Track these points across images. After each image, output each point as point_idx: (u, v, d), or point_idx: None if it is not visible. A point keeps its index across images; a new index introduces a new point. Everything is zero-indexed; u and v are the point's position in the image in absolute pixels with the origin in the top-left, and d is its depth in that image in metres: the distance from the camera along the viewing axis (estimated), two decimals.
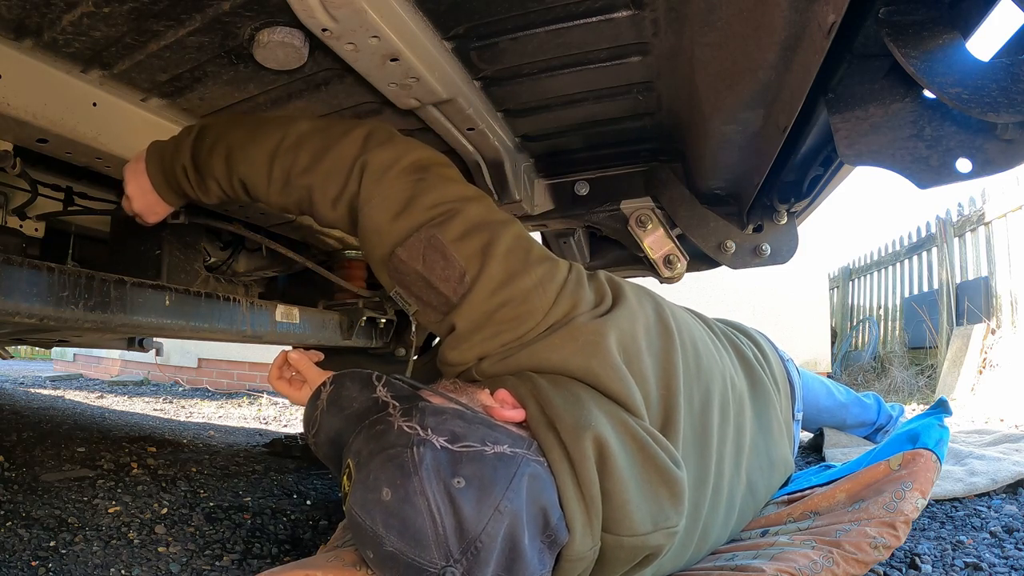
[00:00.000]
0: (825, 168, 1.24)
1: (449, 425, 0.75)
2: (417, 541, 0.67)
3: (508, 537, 0.69)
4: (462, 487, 0.69)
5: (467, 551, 0.67)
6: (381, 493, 0.70)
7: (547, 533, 0.73)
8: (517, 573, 0.70)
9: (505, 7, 0.90)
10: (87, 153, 1.07)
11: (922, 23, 0.72)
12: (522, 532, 0.70)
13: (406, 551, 0.68)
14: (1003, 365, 3.82)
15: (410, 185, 0.93)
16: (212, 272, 1.76)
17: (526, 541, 0.70)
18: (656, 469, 0.81)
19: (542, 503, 0.73)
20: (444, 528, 0.67)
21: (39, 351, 8.28)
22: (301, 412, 3.87)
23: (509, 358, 0.87)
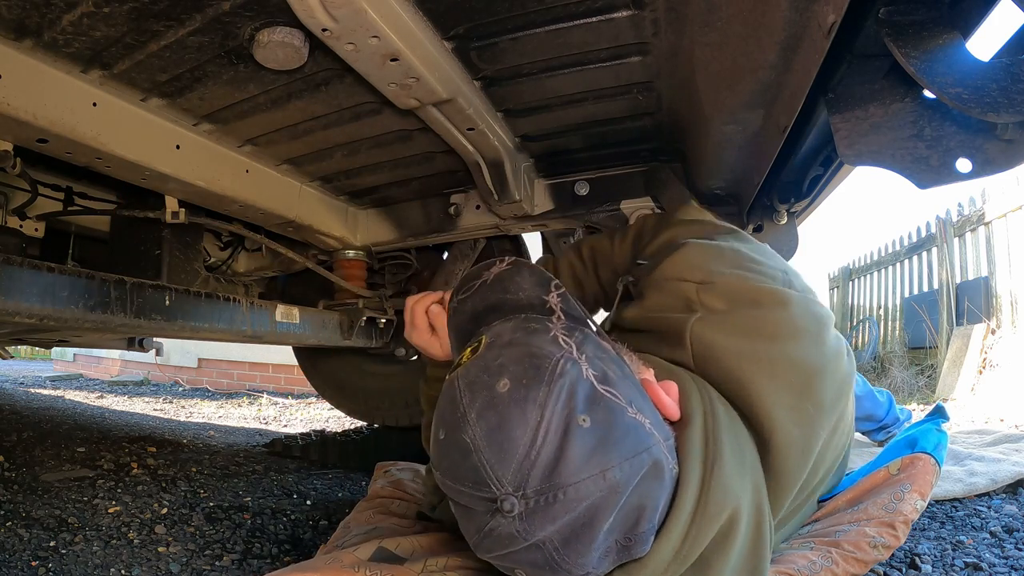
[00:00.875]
0: (825, 168, 1.24)
1: (604, 365, 0.66)
2: (502, 450, 0.59)
3: (591, 509, 0.60)
4: (585, 427, 0.60)
5: (543, 494, 0.59)
6: (499, 381, 0.62)
7: (629, 535, 0.64)
8: (570, 553, 0.61)
9: (505, 7, 0.90)
10: (87, 153, 1.07)
11: (922, 23, 0.72)
12: (607, 514, 0.60)
13: (483, 454, 0.60)
14: (1003, 365, 3.81)
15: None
16: (212, 272, 1.76)
17: (604, 526, 0.61)
18: (754, 570, 0.74)
19: (646, 502, 0.63)
20: (538, 455, 0.58)
21: (39, 351, 8.28)
22: (301, 412, 3.85)
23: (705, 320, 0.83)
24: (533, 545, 0.61)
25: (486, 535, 0.62)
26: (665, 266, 0.96)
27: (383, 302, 1.87)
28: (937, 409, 1.52)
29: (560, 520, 0.59)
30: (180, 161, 1.21)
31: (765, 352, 0.81)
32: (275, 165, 1.45)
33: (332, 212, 1.69)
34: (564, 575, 0.62)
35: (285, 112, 1.18)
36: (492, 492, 0.60)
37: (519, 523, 0.60)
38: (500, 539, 0.61)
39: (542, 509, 0.59)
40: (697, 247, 0.97)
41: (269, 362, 5.09)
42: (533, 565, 0.63)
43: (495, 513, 0.60)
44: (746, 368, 0.80)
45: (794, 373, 0.81)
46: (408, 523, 1.20)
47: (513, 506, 0.59)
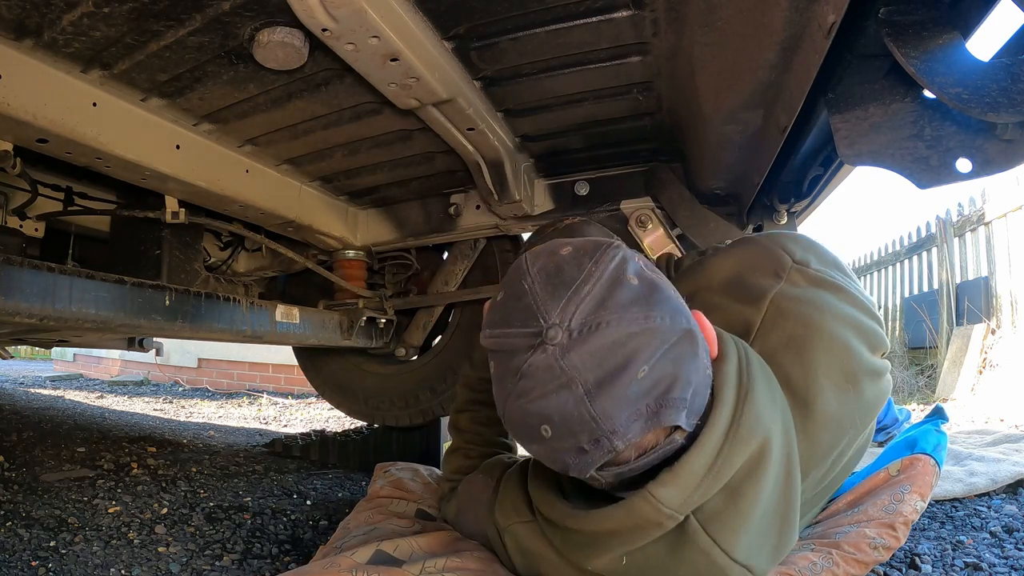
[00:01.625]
0: (825, 168, 1.24)
1: (655, 273, 0.71)
2: (555, 289, 0.65)
3: (629, 349, 0.62)
4: (633, 283, 0.65)
5: (586, 325, 0.62)
6: (562, 248, 0.69)
7: (660, 400, 0.63)
8: (601, 398, 0.61)
9: (505, 7, 0.90)
10: (87, 153, 1.07)
11: (922, 23, 0.72)
12: (642, 359, 0.61)
13: (537, 295, 0.66)
14: (1003, 365, 3.81)
15: None
16: (212, 272, 1.76)
17: (638, 373, 0.61)
18: (784, 516, 0.75)
19: (679, 371, 0.64)
20: (587, 295, 0.64)
21: (39, 351, 8.28)
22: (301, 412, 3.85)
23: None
24: (566, 384, 0.62)
25: (523, 375, 0.64)
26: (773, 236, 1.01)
27: (383, 302, 1.87)
28: (936, 410, 1.53)
29: (598, 353, 0.62)
30: (180, 161, 1.21)
31: (830, 329, 0.86)
32: (275, 165, 1.45)
33: (332, 212, 1.69)
34: (591, 427, 0.62)
35: (285, 112, 1.18)
36: (539, 325, 0.64)
37: (559, 353, 0.62)
38: (536, 376, 0.64)
39: (583, 339, 0.62)
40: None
41: (269, 362, 5.09)
42: (562, 415, 0.63)
43: (537, 347, 0.64)
44: (810, 336, 0.85)
45: (848, 358, 0.86)
46: (408, 523, 1.20)
47: (556, 334, 0.63)
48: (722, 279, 0.96)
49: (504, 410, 0.69)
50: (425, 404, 2.00)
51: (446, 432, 2.03)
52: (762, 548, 0.74)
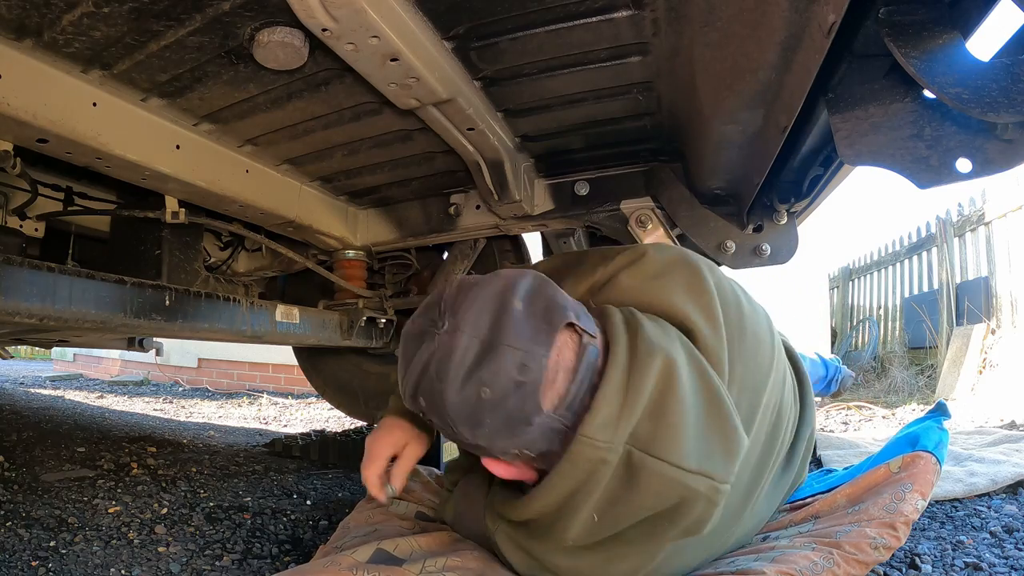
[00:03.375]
0: (825, 168, 1.24)
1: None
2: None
3: (502, 300, 0.75)
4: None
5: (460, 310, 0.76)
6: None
7: (544, 311, 0.76)
8: (500, 331, 0.73)
9: (505, 7, 0.90)
10: (87, 153, 1.07)
11: (922, 23, 0.72)
12: (515, 300, 0.75)
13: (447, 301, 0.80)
14: (1003, 365, 3.81)
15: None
16: (212, 272, 1.76)
17: (515, 305, 0.75)
18: (719, 416, 0.78)
19: (554, 295, 0.79)
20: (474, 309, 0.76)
21: (39, 351, 8.28)
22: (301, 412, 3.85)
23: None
24: (469, 344, 0.73)
25: (431, 362, 0.75)
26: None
27: (383, 302, 1.87)
28: (939, 406, 1.52)
29: (477, 309, 0.75)
30: (180, 161, 1.21)
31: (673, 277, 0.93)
32: (275, 165, 1.45)
33: (332, 212, 1.69)
34: (510, 355, 0.72)
35: (285, 112, 1.18)
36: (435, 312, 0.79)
37: (448, 330, 0.75)
38: (442, 357, 0.74)
39: (459, 313, 0.76)
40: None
41: (269, 362, 5.09)
42: (482, 364, 0.72)
43: (427, 336, 0.78)
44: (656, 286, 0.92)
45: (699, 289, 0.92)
46: (408, 523, 1.20)
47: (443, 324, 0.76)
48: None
49: (445, 404, 0.74)
50: None
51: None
52: (712, 454, 0.76)
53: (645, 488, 0.74)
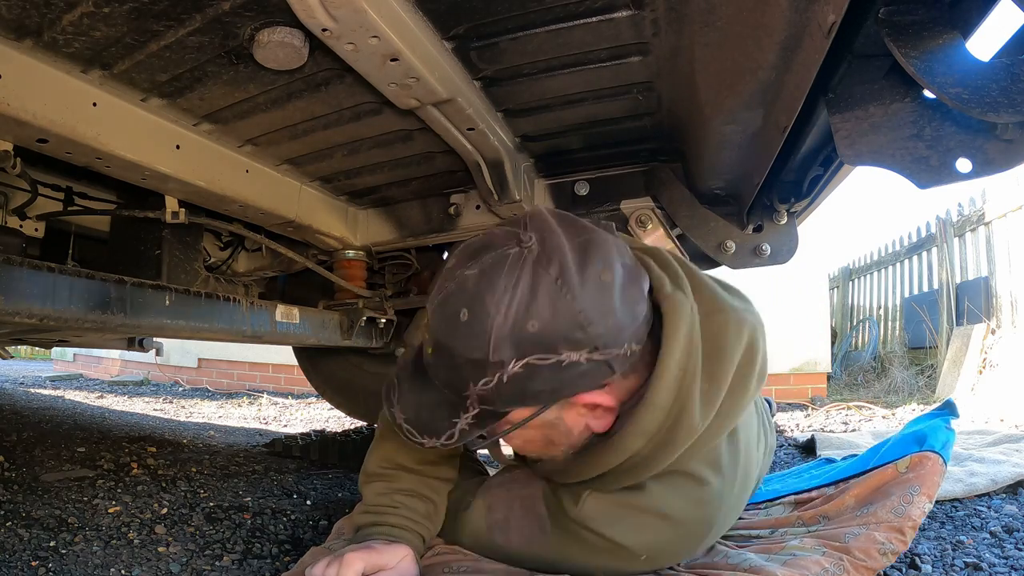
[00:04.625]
0: (825, 168, 1.24)
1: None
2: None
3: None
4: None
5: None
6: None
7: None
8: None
9: (505, 7, 0.90)
10: (87, 153, 1.07)
11: (922, 23, 0.72)
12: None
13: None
14: (1003, 365, 3.81)
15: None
16: (212, 272, 1.76)
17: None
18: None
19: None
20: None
21: (39, 351, 8.28)
22: (301, 412, 3.84)
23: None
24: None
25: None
26: None
27: (383, 302, 1.87)
28: (947, 404, 1.50)
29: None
30: (180, 161, 1.20)
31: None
32: (275, 165, 1.45)
33: (332, 212, 1.69)
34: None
35: (285, 112, 1.18)
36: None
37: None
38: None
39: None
40: None
41: (269, 362, 5.09)
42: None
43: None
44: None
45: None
46: None
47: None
48: None
49: (575, 303, 0.70)
50: None
51: None
52: (736, 293, 0.89)
53: (735, 337, 0.81)
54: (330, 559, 0.84)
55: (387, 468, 1.01)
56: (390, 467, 1.01)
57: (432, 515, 1.00)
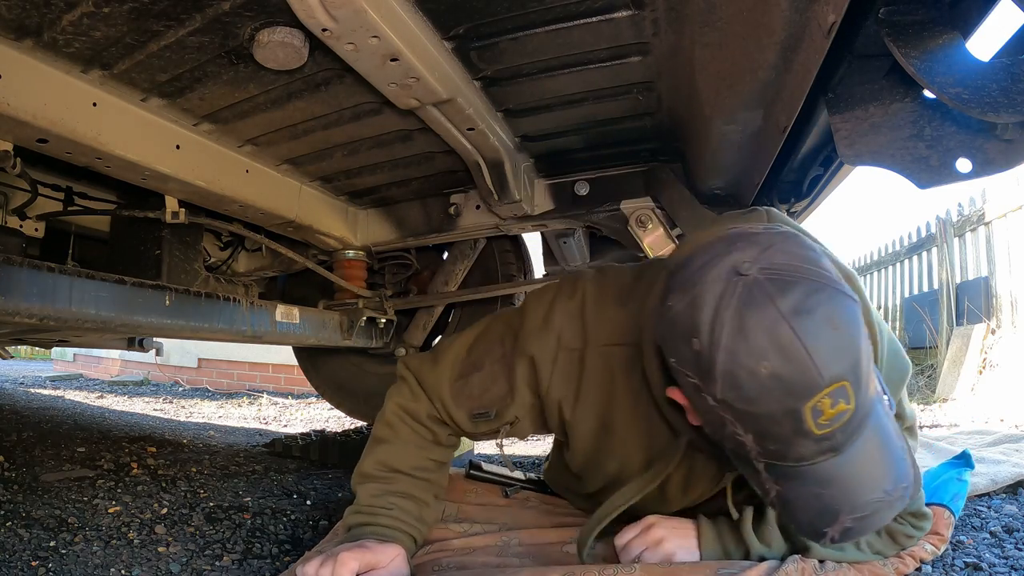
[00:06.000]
0: (825, 168, 1.24)
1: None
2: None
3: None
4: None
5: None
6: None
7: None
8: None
9: (505, 7, 0.90)
10: (87, 153, 1.07)
11: (922, 23, 0.72)
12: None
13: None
14: (1003, 365, 3.81)
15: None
16: (212, 272, 1.76)
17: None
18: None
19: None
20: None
21: (39, 351, 8.28)
22: (301, 412, 3.83)
23: None
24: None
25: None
26: None
27: (383, 302, 1.87)
28: (963, 455, 1.51)
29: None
30: (180, 161, 1.20)
31: None
32: (275, 165, 1.45)
33: (332, 212, 1.69)
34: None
35: (285, 112, 1.18)
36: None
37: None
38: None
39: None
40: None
41: (269, 362, 5.09)
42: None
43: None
44: None
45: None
46: None
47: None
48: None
49: (843, 317, 0.62)
50: None
51: None
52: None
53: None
54: (323, 558, 0.85)
55: (382, 471, 1.01)
56: (385, 470, 1.01)
57: (424, 517, 1.01)
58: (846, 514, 0.65)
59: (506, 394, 0.97)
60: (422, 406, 1.04)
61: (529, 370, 0.95)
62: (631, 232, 1.50)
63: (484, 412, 0.99)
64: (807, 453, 0.63)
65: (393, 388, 1.10)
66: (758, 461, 0.66)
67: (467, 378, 1.00)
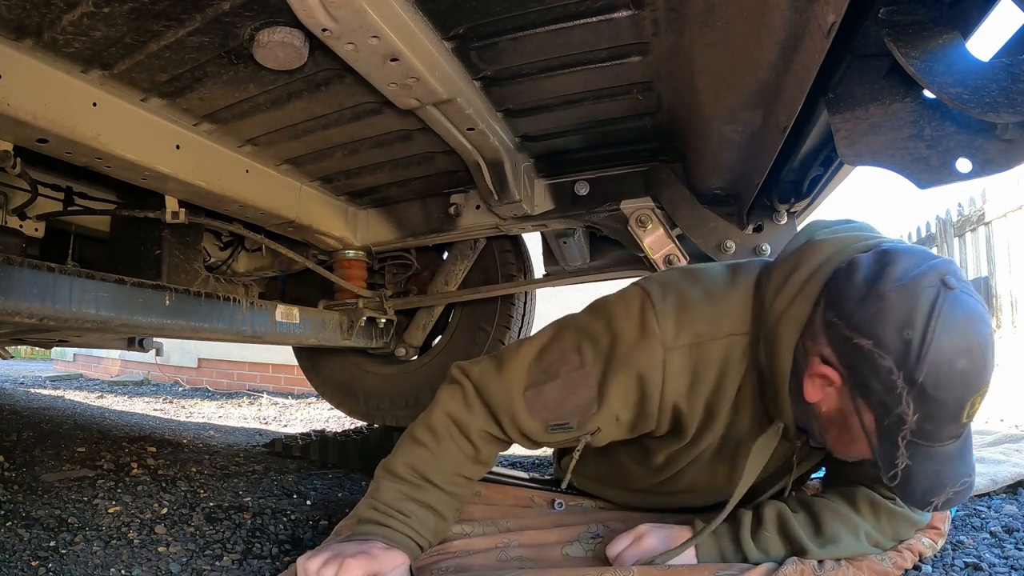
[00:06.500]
0: (825, 168, 1.24)
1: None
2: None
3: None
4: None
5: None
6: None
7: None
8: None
9: (505, 7, 0.90)
10: (87, 153, 1.07)
11: (922, 23, 0.72)
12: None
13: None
14: (1003, 365, 3.82)
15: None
16: (212, 272, 1.76)
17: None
18: None
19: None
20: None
21: (39, 351, 8.29)
22: (301, 412, 3.83)
23: None
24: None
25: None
26: None
27: (383, 302, 1.87)
28: None
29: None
30: (180, 161, 1.21)
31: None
32: (275, 165, 1.45)
33: (332, 212, 1.69)
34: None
35: (285, 112, 1.18)
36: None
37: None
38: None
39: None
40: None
41: (269, 362, 5.09)
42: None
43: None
44: None
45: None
46: None
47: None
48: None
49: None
50: (425, 404, 1.99)
51: None
52: None
53: None
54: (328, 556, 0.84)
55: (412, 476, 0.97)
56: (416, 476, 0.97)
57: (440, 531, 0.99)
58: (950, 488, 0.79)
59: (589, 405, 0.94)
60: (476, 420, 1.00)
61: (634, 385, 0.92)
62: (631, 232, 1.50)
63: (564, 423, 0.96)
64: (946, 436, 0.77)
65: (445, 392, 1.04)
66: (904, 438, 0.77)
67: (539, 387, 0.96)
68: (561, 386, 0.95)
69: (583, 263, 1.78)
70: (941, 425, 0.76)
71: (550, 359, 0.97)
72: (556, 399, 0.96)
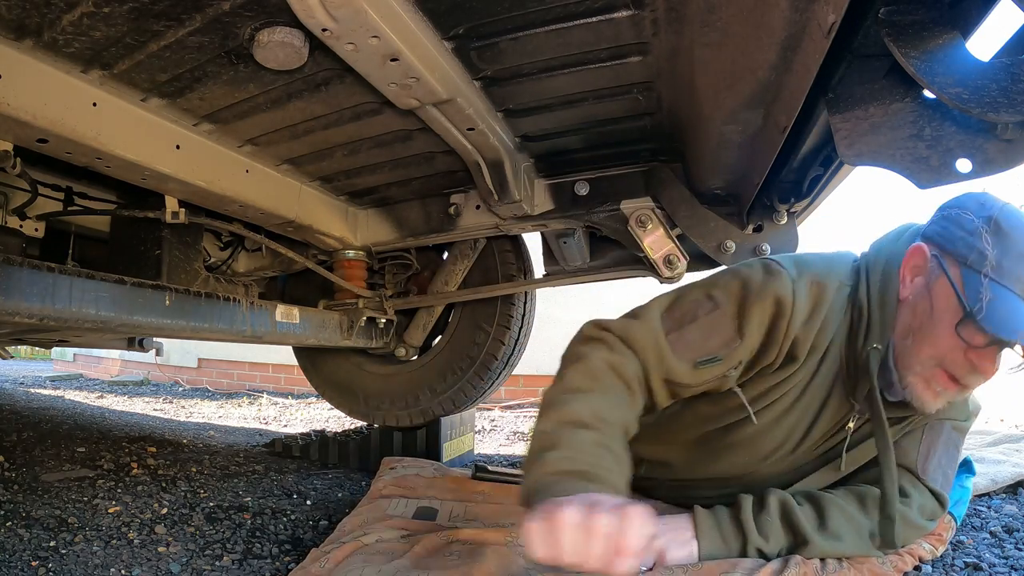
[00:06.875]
0: (825, 168, 1.24)
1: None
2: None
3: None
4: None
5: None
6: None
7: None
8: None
9: (505, 7, 0.90)
10: (87, 153, 1.07)
11: (922, 23, 0.72)
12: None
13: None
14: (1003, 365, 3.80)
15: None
16: (212, 272, 1.76)
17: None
18: None
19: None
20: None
21: (39, 351, 8.28)
22: (301, 412, 3.83)
23: None
24: None
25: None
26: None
27: (383, 302, 1.87)
28: (965, 462, 1.51)
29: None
30: (180, 161, 1.21)
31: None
32: (275, 165, 1.45)
33: (332, 212, 1.69)
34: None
35: (285, 112, 1.18)
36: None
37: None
38: None
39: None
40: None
41: (269, 362, 5.09)
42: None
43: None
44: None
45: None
46: (402, 523, 1.21)
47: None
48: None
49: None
50: (425, 404, 2.00)
51: (446, 432, 2.04)
52: None
53: None
54: (590, 506, 0.69)
55: (596, 421, 0.87)
56: (598, 421, 0.87)
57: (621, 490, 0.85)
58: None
59: (732, 338, 0.98)
60: (630, 364, 0.96)
61: (769, 312, 0.97)
62: (631, 232, 1.50)
63: (712, 357, 0.99)
64: (1020, 278, 0.89)
65: (584, 347, 0.99)
66: (987, 276, 0.88)
67: (680, 331, 0.99)
68: (701, 327, 0.99)
69: (583, 263, 1.78)
70: (1017, 263, 0.87)
71: (683, 309, 1.01)
72: (699, 338, 0.99)
